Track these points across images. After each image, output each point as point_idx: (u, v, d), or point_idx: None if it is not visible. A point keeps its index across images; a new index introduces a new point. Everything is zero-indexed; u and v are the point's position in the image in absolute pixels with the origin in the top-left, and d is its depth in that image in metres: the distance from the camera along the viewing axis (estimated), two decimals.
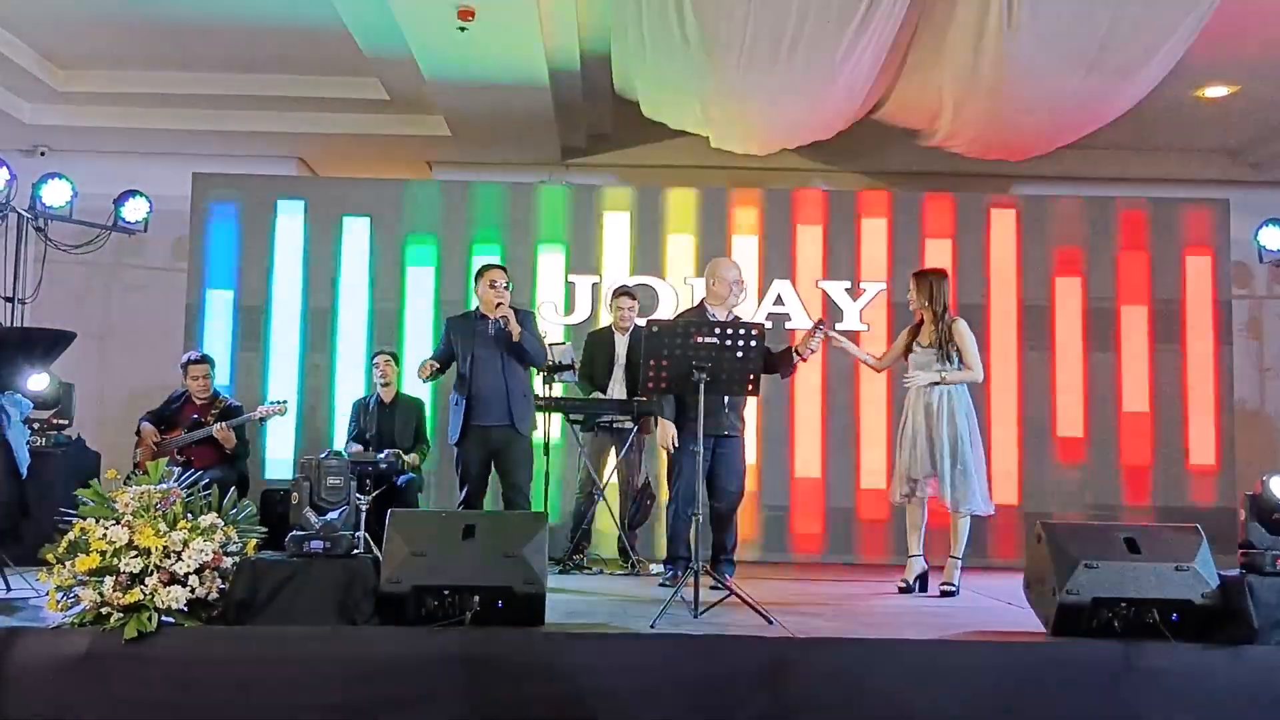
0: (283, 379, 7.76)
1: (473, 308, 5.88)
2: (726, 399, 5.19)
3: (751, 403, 7.37)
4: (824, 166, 8.74)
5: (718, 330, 4.69)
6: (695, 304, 5.92)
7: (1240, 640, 3.79)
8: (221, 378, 6.88)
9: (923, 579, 5.53)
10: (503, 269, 5.79)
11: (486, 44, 6.68)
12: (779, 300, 7.87)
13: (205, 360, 6.69)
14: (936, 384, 5.46)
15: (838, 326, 7.74)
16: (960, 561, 5.50)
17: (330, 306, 7.86)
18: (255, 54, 7.63)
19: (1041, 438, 7.81)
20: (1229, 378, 7.89)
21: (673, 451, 5.42)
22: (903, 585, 5.52)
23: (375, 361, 6.89)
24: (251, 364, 7.79)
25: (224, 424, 6.36)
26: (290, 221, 7.93)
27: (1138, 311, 7.91)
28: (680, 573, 5.18)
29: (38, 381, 6.26)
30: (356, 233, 7.94)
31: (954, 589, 5.42)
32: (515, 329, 5.51)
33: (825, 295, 7.86)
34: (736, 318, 5.52)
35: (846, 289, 7.89)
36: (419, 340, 7.79)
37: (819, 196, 8.10)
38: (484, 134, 8.23)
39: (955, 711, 3.68)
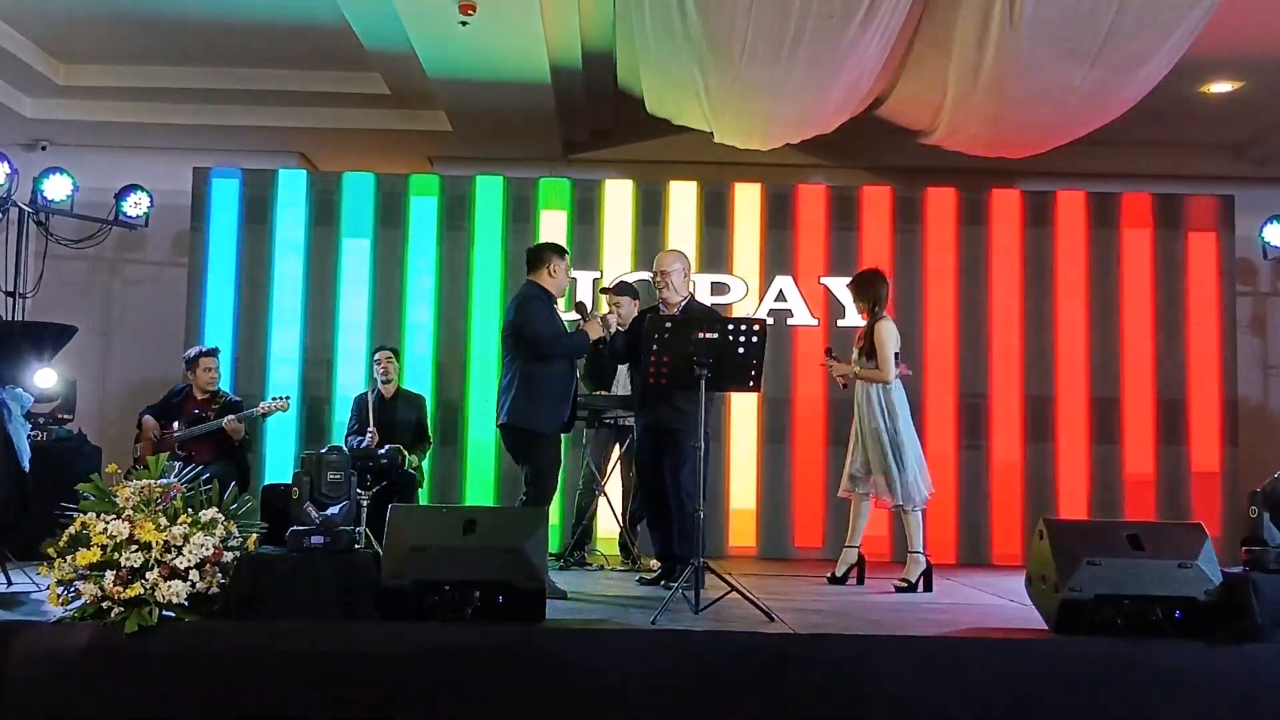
0: (284, 374, 7.75)
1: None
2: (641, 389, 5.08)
3: (751, 399, 7.46)
4: (826, 162, 8.72)
5: (719, 326, 4.69)
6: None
7: (1244, 638, 3.78)
8: (222, 373, 6.89)
9: (860, 571, 5.70)
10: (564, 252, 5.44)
11: (488, 38, 6.65)
12: (780, 296, 7.85)
13: (215, 353, 6.72)
14: (856, 377, 5.61)
15: (839, 322, 7.77)
16: (921, 555, 5.53)
17: (331, 301, 7.85)
18: (256, 49, 7.61)
19: (1044, 431, 7.81)
20: (1233, 371, 7.88)
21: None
22: (832, 577, 5.66)
23: (376, 358, 6.87)
24: (253, 359, 7.78)
25: (232, 417, 6.37)
26: (291, 216, 7.91)
27: (1141, 305, 7.89)
28: (665, 573, 5.27)
29: (45, 378, 6.26)
30: (358, 228, 7.92)
31: (910, 585, 5.45)
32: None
33: (827, 291, 7.84)
34: (688, 308, 5.46)
35: (849, 285, 7.86)
36: (420, 334, 7.79)
37: (821, 192, 8.08)
38: (485, 129, 8.21)
39: (957, 708, 3.68)
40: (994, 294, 7.90)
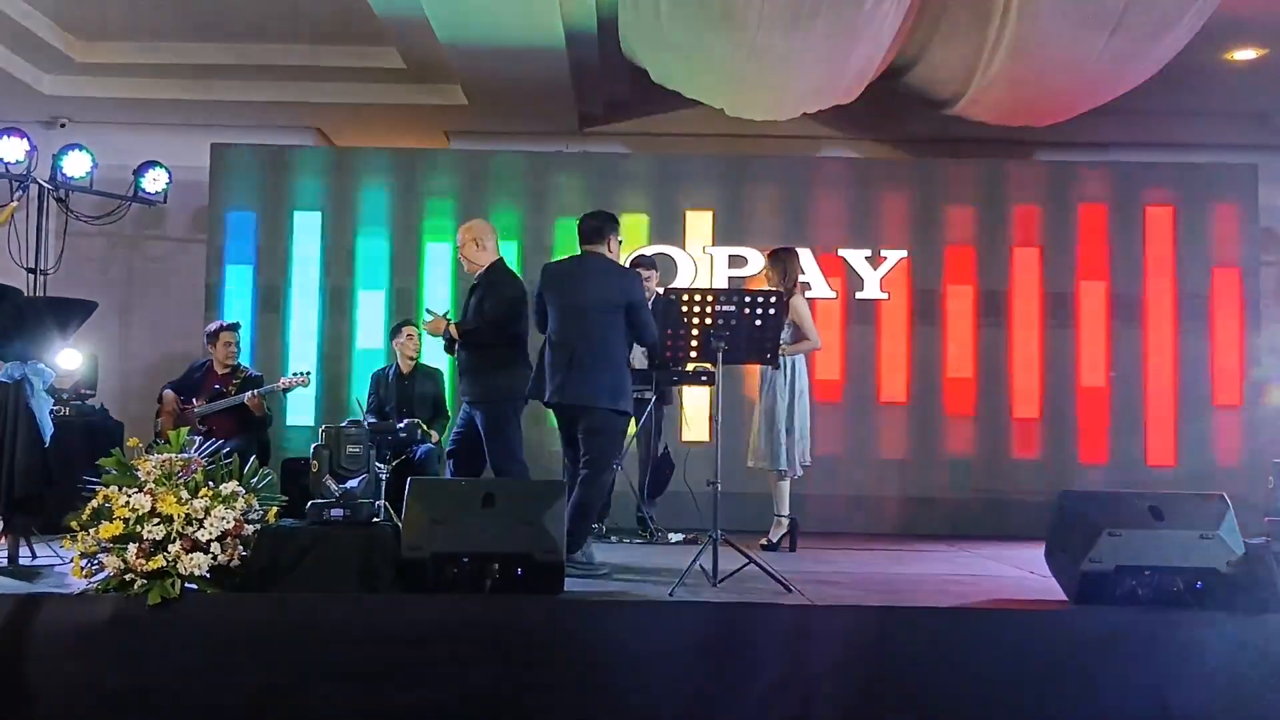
0: (302, 349, 7.78)
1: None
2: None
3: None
4: (845, 134, 8.65)
5: (736, 298, 4.67)
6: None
7: (1265, 609, 3.76)
8: (242, 348, 6.93)
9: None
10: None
11: (502, 7, 6.60)
12: None
13: (236, 327, 6.78)
14: (785, 353, 5.75)
15: (857, 295, 7.74)
16: (785, 518, 5.85)
17: (349, 276, 7.86)
18: (273, 24, 7.59)
19: (1064, 407, 7.76)
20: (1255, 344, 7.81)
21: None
22: (767, 543, 5.87)
23: (409, 333, 6.81)
24: (272, 334, 7.81)
25: (255, 392, 6.41)
26: (309, 192, 7.92)
27: (1162, 281, 7.82)
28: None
29: (69, 359, 6.30)
30: (374, 203, 7.93)
31: (773, 545, 5.82)
32: None
33: (845, 263, 7.80)
34: (490, 272, 5.47)
35: (867, 257, 7.82)
36: (437, 308, 7.78)
37: (839, 164, 8.02)
38: (501, 102, 8.17)
39: (975, 680, 3.68)
40: (1014, 266, 7.85)
